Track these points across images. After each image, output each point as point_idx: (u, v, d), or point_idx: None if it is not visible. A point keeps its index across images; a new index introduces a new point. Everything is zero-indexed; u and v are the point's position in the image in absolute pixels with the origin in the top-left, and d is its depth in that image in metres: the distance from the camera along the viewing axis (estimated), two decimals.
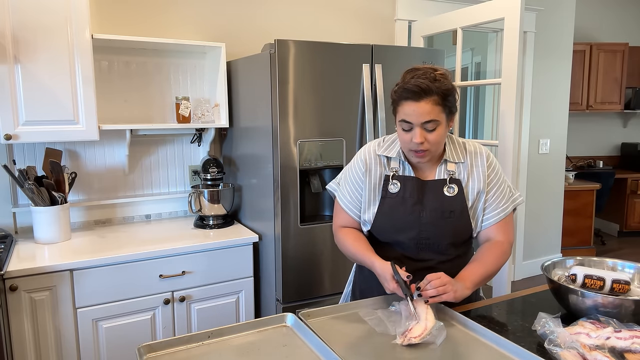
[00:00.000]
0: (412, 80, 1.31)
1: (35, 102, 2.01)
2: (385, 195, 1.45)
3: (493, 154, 1.54)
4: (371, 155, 1.50)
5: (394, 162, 1.47)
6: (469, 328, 1.24)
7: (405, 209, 1.43)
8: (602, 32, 5.36)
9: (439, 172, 1.46)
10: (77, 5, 2.04)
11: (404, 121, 1.34)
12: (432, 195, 1.43)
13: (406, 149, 1.40)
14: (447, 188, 1.43)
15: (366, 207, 1.48)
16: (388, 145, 1.50)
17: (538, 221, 4.29)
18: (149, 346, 1.13)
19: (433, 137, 1.34)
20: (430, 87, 1.30)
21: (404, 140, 1.38)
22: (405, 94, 1.32)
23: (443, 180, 1.44)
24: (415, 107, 1.31)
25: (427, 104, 1.31)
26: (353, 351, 1.14)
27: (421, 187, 1.44)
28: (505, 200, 1.48)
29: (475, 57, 5.13)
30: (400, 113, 1.35)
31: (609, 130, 5.72)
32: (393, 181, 1.45)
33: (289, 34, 2.91)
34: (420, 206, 1.43)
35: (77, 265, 1.91)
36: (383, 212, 1.45)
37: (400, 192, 1.44)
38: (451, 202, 1.42)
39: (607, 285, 1.33)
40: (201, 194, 2.43)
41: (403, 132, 1.36)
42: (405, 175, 1.45)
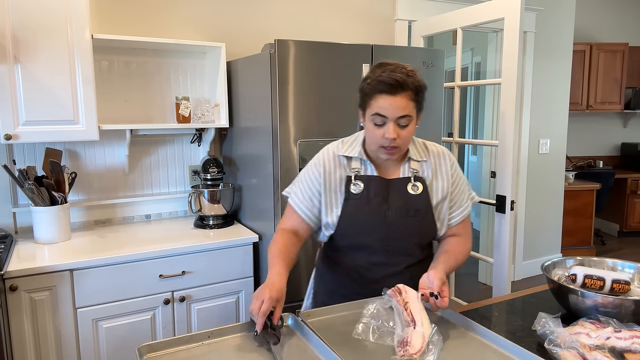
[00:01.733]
0: (387, 73, 1.29)
1: (35, 102, 2.01)
2: (348, 197, 1.41)
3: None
4: (329, 157, 1.45)
5: (355, 162, 1.44)
6: (469, 328, 1.24)
7: (371, 208, 1.40)
8: (602, 32, 5.36)
9: (403, 170, 1.44)
10: (77, 5, 2.04)
11: (378, 115, 1.31)
12: (396, 194, 1.41)
13: (376, 146, 1.36)
14: (412, 186, 1.42)
15: (328, 210, 1.44)
16: (349, 145, 1.46)
17: (538, 221, 4.29)
18: (149, 346, 1.13)
19: (405, 133, 1.33)
20: (406, 82, 1.29)
21: (375, 135, 1.34)
22: (380, 87, 1.29)
23: (407, 178, 1.42)
24: (392, 101, 1.28)
25: (403, 98, 1.29)
26: (353, 351, 1.14)
27: (386, 186, 1.42)
28: (466, 199, 1.51)
29: (475, 57, 5.13)
30: (374, 107, 1.31)
31: (609, 130, 5.72)
32: (355, 181, 1.41)
33: (289, 34, 2.91)
34: (385, 205, 1.40)
35: (77, 265, 1.91)
36: (348, 213, 1.41)
37: (364, 192, 1.40)
38: (416, 201, 1.41)
39: (607, 285, 1.33)
40: (201, 194, 2.43)
41: (375, 127, 1.33)
42: (368, 175, 1.42)
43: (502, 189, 2.67)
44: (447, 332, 1.23)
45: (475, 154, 5.87)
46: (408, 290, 1.25)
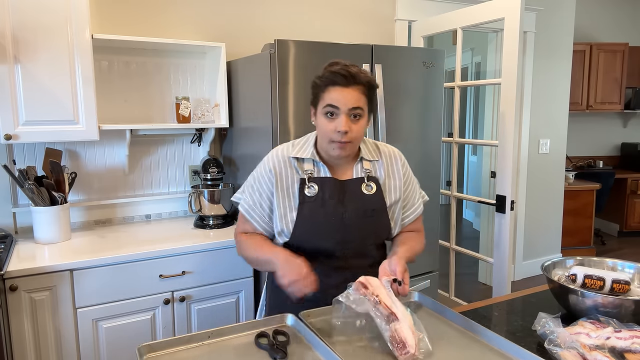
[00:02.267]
0: (340, 66, 1.30)
1: (35, 102, 2.01)
2: (303, 200, 1.37)
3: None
4: (280, 159, 1.41)
5: (308, 164, 1.40)
6: (469, 328, 1.24)
7: (327, 211, 1.37)
8: (602, 32, 5.36)
9: (356, 171, 1.43)
10: (77, 5, 2.04)
11: (330, 106, 1.30)
12: (352, 195, 1.39)
13: (327, 140, 1.34)
14: (366, 186, 1.41)
15: (281, 215, 1.40)
16: (300, 147, 1.43)
17: (538, 221, 4.29)
18: (149, 346, 1.13)
19: (357, 127, 1.32)
20: (359, 75, 1.30)
21: (326, 129, 1.32)
22: (334, 78, 1.29)
23: (361, 178, 1.41)
24: (345, 93, 1.29)
25: (355, 91, 1.30)
26: (353, 351, 1.14)
27: (340, 187, 1.39)
28: (418, 198, 1.54)
29: (475, 57, 5.13)
30: (326, 99, 1.31)
31: (609, 130, 5.72)
32: (310, 184, 1.38)
33: (289, 33, 2.91)
34: (342, 207, 1.38)
35: (77, 265, 1.91)
36: (303, 217, 1.37)
37: (319, 195, 1.37)
38: (371, 201, 1.40)
39: (607, 285, 1.34)
40: (201, 194, 2.43)
41: (326, 120, 1.32)
42: (322, 177, 1.39)
43: (502, 189, 2.67)
44: (447, 332, 1.23)
45: (475, 154, 5.87)
46: (372, 282, 1.21)
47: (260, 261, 1.40)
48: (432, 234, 2.64)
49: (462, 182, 6.41)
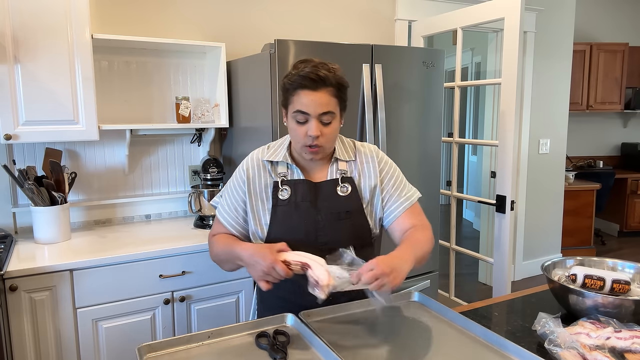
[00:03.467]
0: (309, 68, 1.25)
1: (35, 102, 2.01)
2: (276, 203, 1.36)
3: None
4: (254, 163, 1.41)
5: (281, 167, 1.38)
6: (469, 328, 1.24)
7: (300, 214, 1.34)
8: (602, 32, 5.36)
9: (331, 172, 1.39)
10: (77, 5, 2.04)
11: (300, 112, 1.26)
12: (325, 197, 1.36)
13: (299, 145, 1.31)
14: (340, 188, 1.37)
15: (255, 218, 1.39)
16: (274, 150, 1.41)
17: (538, 221, 4.29)
18: (149, 346, 1.13)
19: (329, 131, 1.29)
20: (328, 77, 1.25)
21: (297, 134, 1.29)
22: (302, 82, 1.25)
23: (335, 180, 1.38)
24: (313, 97, 1.25)
25: (325, 94, 1.26)
26: (353, 351, 1.14)
27: (313, 189, 1.36)
28: (406, 191, 1.45)
29: (475, 57, 5.13)
30: (296, 103, 1.27)
31: (609, 130, 5.72)
32: (282, 187, 1.36)
33: (289, 33, 2.91)
34: (315, 209, 1.35)
35: (77, 265, 1.91)
36: (277, 221, 1.36)
37: (291, 198, 1.35)
38: (346, 202, 1.36)
39: (607, 285, 1.34)
40: (201, 194, 2.43)
41: (297, 124, 1.28)
42: (295, 179, 1.37)
43: (502, 189, 2.67)
44: (447, 332, 1.23)
45: (475, 154, 5.87)
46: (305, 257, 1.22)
47: (231, 259, 1.36)
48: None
49: (462, 182, 6.41)
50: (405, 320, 1.30)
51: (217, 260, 1.44)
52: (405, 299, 1.42)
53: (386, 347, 1.15)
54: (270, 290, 1.39)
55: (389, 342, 1.18)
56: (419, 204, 1.49)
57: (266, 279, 1.22)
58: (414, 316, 1.32)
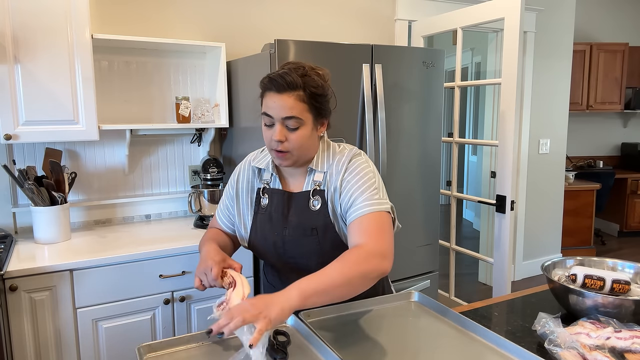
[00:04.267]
0: (280, 71, 1.22)
1: (35, 102, 2.01)
2: (257, 211, 1.35)
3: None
4: (246, 166, 1.40)
5: (266, 174, 1.36)
6: (469, 328, 1.24)
7: (272, 225, 1.31)
8: (602, 32, 5.36)
9: (307, 183, 1.31)
10: (77, 5, 2.04)
11: (266, 114, 1.25)
12: (296, 210, 1.29)
13: (269, 149, 1.28)
14: (312, 201, 1.28)
15: (241, 222, 1.39)
16: (262, 156, 1.39)
17: (538, 221, 4.29)
18: (149, 346, 1.13)
19: (295, 137, 1.22)
20: (295, 81, 1.19)
21: (266, 137, 1.27)
22: (269, 84, 1.22)
23: (308, 192, 1.30)
24: (277, 100, 1.21)
25: (290, 97, 1.19)
26: (353, 351, 1.14)
27: (287, 200, 1.31)
28: (364, 200, 1.21)
29: (475, 57, 5.13)
30: (264, 105, 1.25)
31: (609, 130, 5.72)
32: (263, 195, 1.35)
33: (289, 33, 2.91)
34: (284, 222, 1.30)
35: (77, 265, 1.91)
36: (255, 229, 1.35)
37: (268, 207, 1.33)
38: (315, 218, 1.27)
39: (607, 285, 1.33)
40: (201, 194, 2.43)
41: (265, 127, 1.27)
42: (272, 189, 1.34)
43: (502, 189, 2.67)
44: (447, 332, 1.23)
45: (475, 154, 5.87)
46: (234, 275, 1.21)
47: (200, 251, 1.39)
48: (432, 234, 2.65)
49: (462, 182, 6.41)
50: (405, 320, 1.30)
51: None
52: (405, 299, 1.42)
53: (386, 347, 1.15)
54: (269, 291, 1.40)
55: (389, 342, 1.18)
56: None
57: (200, 276, 1.25)
58: (414, 316, 1.32)
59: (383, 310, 1.35)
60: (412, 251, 2.59)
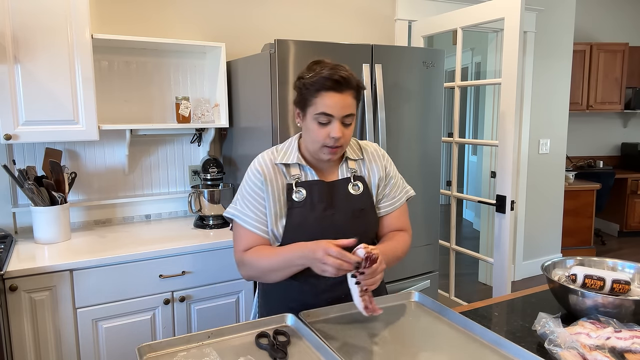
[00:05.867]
0: (331, 71, 1.25)
1: (35, 102, 2.01)
2: (292, 206, 1.35)
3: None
4: (268, 165, 1.38)
5: (294, 169, 1.38)
6: (468, 328, 1.24)
7: (317, 215, 1.35)
8: (602, 32, 5.36)
9: (341, 171, 1.42)
10: (77, 5, 2.04)
11: (324, 114, 1.26)
12: (340, 196, 1.38)
13: (318, 146, 1.31)
14: (352, 186, 1.40)
15: (273, 220, 1.36)
16: (284, 152, 1.40)
17: (538, 221, 4.29)
18: (149, 346, 1.13)
19: (348, 133, 1.32)
20: (352, 80, 1.28)
21: (318, 135, 1.29)
22: (327, 83, 1.24)
23: (347, 179, 1.41)
24: (339, 99, 1.26)
25: (349, 96, 1.28)
26: (353, 351, 1.14)
27: (328, 189, 1.37)
28: (399, 192, 1.50)
29: (475, 57, 5.13)
30: (319, 105, 1.26)
31: (609, 130, 5.72)
32: (297, 189, 1.36)
33: (289, 33, 2.91)
34: (331, 210, 1.36)
35: (77, 265, 1.91)
36: (293, 223, 1.35)
37: (307, 199, 1.35)
38: (359, 200, 1.40)
39: (607, 285, 1.34)
40: (201, 194, 2.43)
41: (319, 126, 1.28)
42: (309, 180, 1.37)
43: (502, 189, 2.67)
44: (447, 332, 1.23)
45: (475, 154, 5.87)
46: None
47: (282, 267, 1.30)
48: (432, 234, 2.64)
49: (462, 182, 6.41)
50: (405, 320, 1.30)
51: (261, 273, 1.35)
52: (405, 299, 1.42)
53: (386, 347, 1.15)
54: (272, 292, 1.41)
55: (389, 342, 1.18)
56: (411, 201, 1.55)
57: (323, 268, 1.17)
58: (414, 316, 1.32)
59: (383, 310, 1.35)
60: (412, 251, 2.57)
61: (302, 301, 1.37)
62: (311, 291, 1.38)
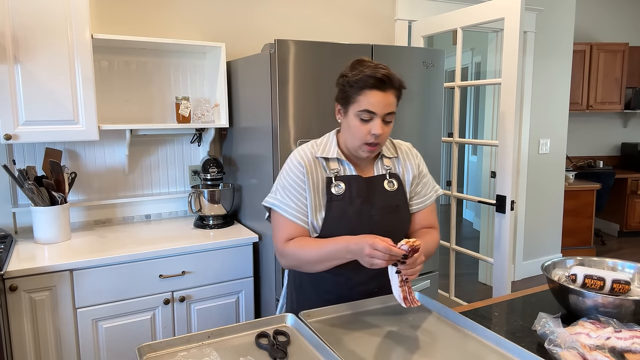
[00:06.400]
0: (375, 70, 1.29)
1: (35, 102, 2.01)
2: (330, 199, 1.38)
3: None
4: (309, 157, 1.41)
5: (333, 163, 1.42)
6: (469, 328, 1.24)
7: (355, 209, 1.38)
8: (602, 32, 5.36)
9: (377, 168, 1.46)
10: (77, 5, 2.04)
11: (367, 111, 1.30)
12: (377, 192, 1.42)
13: (359, 142, 1.35)
14: (388, 183, 1.44)
15: (313, 212, 1.39)
16: (323, 147, 1.44)
17: (538, 221, 4.29)
18: (149, 346, 1.13)
19: (388, 130, 1.35)
20: (394, 78, 1.32)
21: (359, 131, 1.33)
22: (371, 82, 1.29)
23: (383, 175, 1.45)
24: (382, 97, 1.30)
25: (392, 95, 1.32)
26: (353, 351, 1.14)
27: (366, 184, 1.42)
28: (429, 190, 1.54)
29: (475, 57, 5.13)
30: (362, 102, 1.30)
31: (609, 130, 5.72)
32: (336, 182, 1.39)
33: (289, 33, 2.91)
34: (369, 204, 1.40)
35: (77, 265, 1.91)
36: (332, 215, 1.38)
37: (346, 193, 1.39)
38: (394, 197, 1.44)
39: (607, 285, 1.34)
40: (201, 194, 2.43)
41: (361, 123, 1.32)
42: (348, 175, 1.41)
43: (502, 189, 2.67)
44: (447, 332, 1.23)
45: (475, 154, 5.87)
46: None
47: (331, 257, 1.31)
48: None
49: (462, 182, 6.41)
50: (405, 320, 1.30)
51: (303, 264, 1.37)
52: None
53: (386, 347, 1.15)
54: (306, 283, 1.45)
55: (389, 342, 1.18)
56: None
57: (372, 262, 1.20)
58: (414, 316, 1.32)
59: (383, 310, 1.35)
60: None
61: (336, 293, 1.41)
62: (346, 284, 1.42)
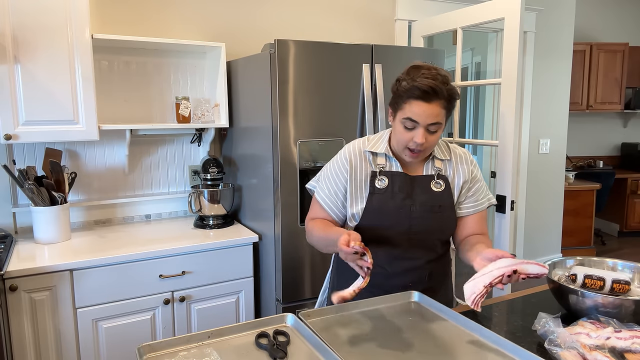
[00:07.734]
0: (422, 79, 1.30)
1: (35, 102, 2.01)
2: (373, 191, 1.44)
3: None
4: (356, 152, 1.48)
5: (380, 158, 1.47)
6: (468, 328, 1.24)
7: (395, 203, 1.43)
8: (602, 32, 5.36)
9: (427, 168, 1.48)
10: (77, 5, 2.04)
11: (410, 119, 1.33)
12: (420, 190, 1.45)
13: (402, 147, 1.40)
14: (435, 183, 1.46)
15: (353, 203, 1.47)
16: (375, 142, 1.49)
17: (538, 221, 4.29)
18: (149, 346, 1.13)
19: (433, 139, 1.37)
20: (442, 90, 1.31)
21: (403, 138, 1.37)
22: (416, 93, 1.31)
23: (431, 176, 1.47)
24: (425, 108, 1.31)
25: (436, 106, 1.32)
26: (353, 351, 1.14)
27: (410, 182, 1.45)
28: (482, 197, 1.53)
29: (475, 57, 5.13)
30: (406, 111, 1.33)
31: (609, 130, 5.72)
32: (380, 177, 1.45)
33: (289, 33, 2.91)
34: (410, 200, 1.43)
35: (77, 265, 1.91)
36: (372, 207, 1.44)
37: (388, 187, 1.44)
38: (439, 197, 1.45)
39: (607, 285, 1.34)
40: (201, 194, 2.43)
41: (404, 130, 1.36)
42: (393, 171, 1.45)
43: (502, 189, 2.67)
44: (448, 332, 1.23)
45: (475, 154, 5.86)
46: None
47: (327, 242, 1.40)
48: None
49: None
50: (405, 320, 1.30)
51: (313, 243, 1.51)
52: (405, 299, 1.42)
53: (386, 347, 1.15)
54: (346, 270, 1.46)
55: (389, 342, 1.18)
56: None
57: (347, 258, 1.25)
58: (414, 316, 1.32)
59: (383, 310, 1.35)
60: None
61: (373, 282, 1.42)
62: (382, 273, 1.46)
